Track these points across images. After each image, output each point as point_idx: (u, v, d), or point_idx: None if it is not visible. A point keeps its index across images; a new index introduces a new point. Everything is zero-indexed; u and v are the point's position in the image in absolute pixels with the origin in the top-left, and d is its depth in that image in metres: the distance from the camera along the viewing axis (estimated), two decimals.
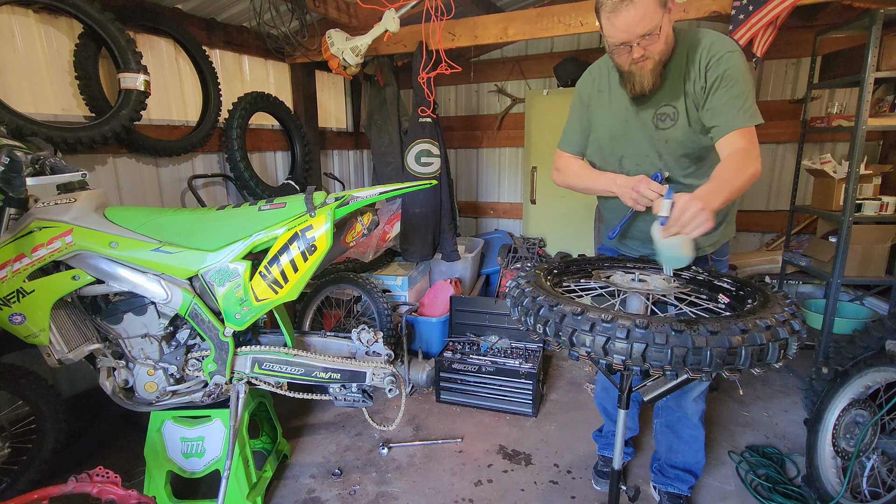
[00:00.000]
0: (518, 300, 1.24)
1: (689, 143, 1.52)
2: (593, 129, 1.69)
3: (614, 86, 1.61)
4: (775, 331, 1.00)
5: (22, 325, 1.67)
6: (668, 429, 1.91)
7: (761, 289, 1.28)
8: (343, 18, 3.18)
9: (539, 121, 4.20)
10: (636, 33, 1.35)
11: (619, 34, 1.37)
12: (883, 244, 2.74)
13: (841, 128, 2.76)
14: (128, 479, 2.12)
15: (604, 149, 1.68)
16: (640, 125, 1.57)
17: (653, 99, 1.52)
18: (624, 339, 0.99)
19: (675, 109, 1.50)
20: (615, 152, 1.65)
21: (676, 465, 1.94)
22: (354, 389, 1.91)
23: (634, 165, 1.63)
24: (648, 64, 1.42)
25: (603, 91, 1.65)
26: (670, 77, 1.49)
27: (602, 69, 1.67)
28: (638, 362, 0.99)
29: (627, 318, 1.01)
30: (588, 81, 1.71)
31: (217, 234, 1.73)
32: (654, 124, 1.54)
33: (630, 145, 1.61)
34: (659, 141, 1.55)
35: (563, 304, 1.10)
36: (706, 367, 0.97)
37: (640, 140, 1.59)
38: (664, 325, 0.98)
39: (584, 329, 1.03)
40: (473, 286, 3.92)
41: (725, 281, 1.42)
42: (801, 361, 3.05)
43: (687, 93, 1.48)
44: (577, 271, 1.56)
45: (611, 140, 1.64)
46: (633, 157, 1.62)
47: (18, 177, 1.59)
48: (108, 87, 2.41)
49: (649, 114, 1.55)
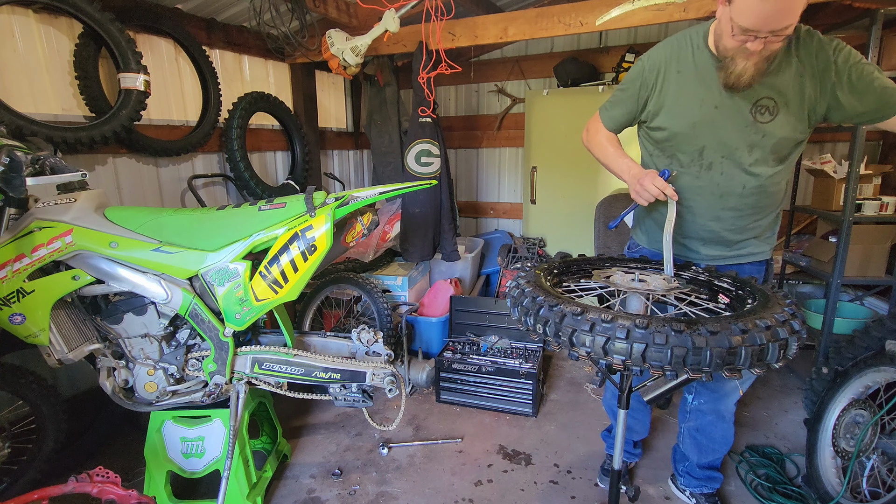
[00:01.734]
0: (518, 300, 1.24)
1: (787, 139, 1.43)
2: (668, 116, 1.51)
3: (702, 67, 1.44)
4: (775, 331, 1.00)
5: (22, 325, 1.67)
6: (699, 432, 1.86)
7: (761, 289, 1.28)
8: (343, 18, 3.18)
9: (539, 121, 4.20)
10: (775, 26, 1.20)
11: (757, 21, 1.20)
12: (883, 244, 2.74)
13: (841, 128, 2.76)
14: (128, 479, 2.12)
15: (680, 136, 1.50)
16: (734, 114, 1.42)
17: (754, 89, 1.38)
18: (624, 340, 0.99)
19: (776, 103, 1.38)
20: (696, 142, 1.48)
21: (706, 465, 1.91)
22: (354, 389, 1.91)
23: (719, 158, 1.47)
24: (755, 57, 1.29)
25: (684, 72, 1.47)
26: (773, 71, 1.37)
27: (683, 46, 1.48)
28: (638, 362, 0.99)
29: (627, 319, 1.01)
30: (661, 58, 1.50)
31: (217, 234, 1.73)
32: (753, 115, 1.41)
33: (717, 135, 1.45)
34: (756, 134, 1.42)
35: (562, 304, 1.10)
36: (706, 368, 0.96)
37: (731, 130, 1.43)
38: (664, 326, 0.98)
39: (584, 329, 1.03)
40: (473, 286, 3.92)
41: (725, 281, 1.42)
42: (801, 361, 3.05)
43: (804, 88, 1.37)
44: (577, 271, 1.56)
45: (693, 128, 1.47)
46: (717, 148, 1.46)
47: (18, 177, 1.58)
48: (108, 87, 2.41)
49: (747, 104, 1.40)
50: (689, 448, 1.92)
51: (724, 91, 1.40)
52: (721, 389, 1.75)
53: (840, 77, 1.34)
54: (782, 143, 1.43)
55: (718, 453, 1.88)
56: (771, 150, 1.44)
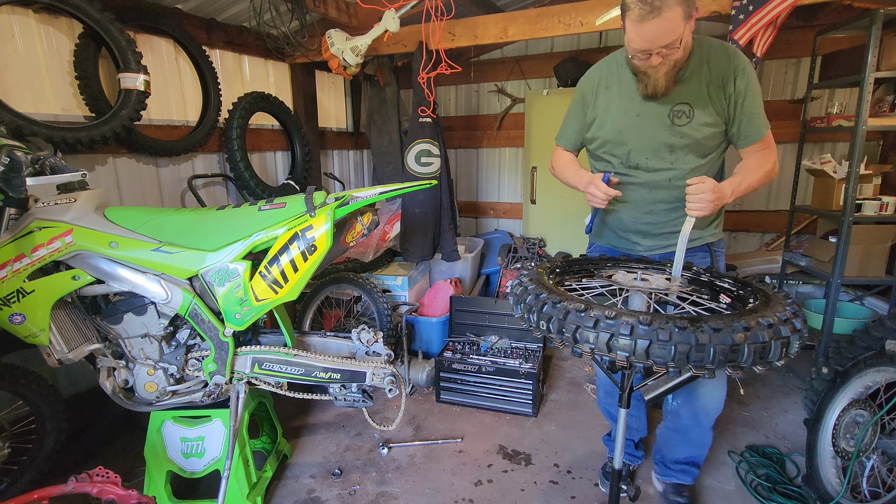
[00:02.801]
0: (521, 297, 1.24)
1: (705, 139, 1.59)
2: (599, 125, 1.71)
3: (624, 81, 1.64)
4: (777, 329, 1.00)
5: (22, 325, 1.67)
6: (675, 433, 1.90)
7: (762, 289, 1.28)
8: (343, 18, 3.18)
9: (539, 121, 4.20)
10: (658, 44, 1.40)
11: (642, 43, 1.41)
12: (883, 244, 2.74)
13: (841, 128, 2.76)
14: (128, 479, 2.12)
15: (610, 143, 1.69)
16: (653, 120, 1.60)
17: (669, 96, 1.56)
18: (628, 336, 0.99)
19: (691, 108, 1.56)
20: (623, 146, 1.67)
21: (681, 460, 1.94)
22: (354, 389, 1.91)
23: (644, 159, 1.65)
24: (663, 68, 1.48)
25: (611, 87, 1.67)
26: (687, 80, 1.55)
27: (611, 66, 1.69)
28: (641, 359, 0.99)
29: (631, 315, 1.01)
30: (594, 78, 1.73)
31: (217, 234, 1.73)
32: (671, 120, 1.58)
33: (640, 139, 1.63)
34: (675, 136, 1.59)
35: (566, 301, 1.10)
36: (709, 364, 0.97)
37: (652, 134, 1.61)
38: (667, 323, 0.99)
39: (588, 326, 1.03)
40: (473, 286, 3.92)
41: (727, 281, 1.42)
42: (801, 361, 3.05)
43: (711, 95, 1.55)
44: (578, 271, 1.57)
45: (619, 134, 1.66)
46: (642, 150, 1.64)
47: (18, 177, 1.58)
48: (108, 87, 2.41)
49: (665, 109, 1.58)
50: (663, 444, 1.98)
51: (644, 101, 1.59)
52: (700, 397, 1.78)
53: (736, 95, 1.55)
54: (701, 143, 1.60)
55: (694, 454, 1.92)
56: (691, 148, 1.60)
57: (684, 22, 1.38)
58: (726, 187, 1.50)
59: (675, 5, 1.34)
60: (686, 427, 1.85)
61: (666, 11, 1.33)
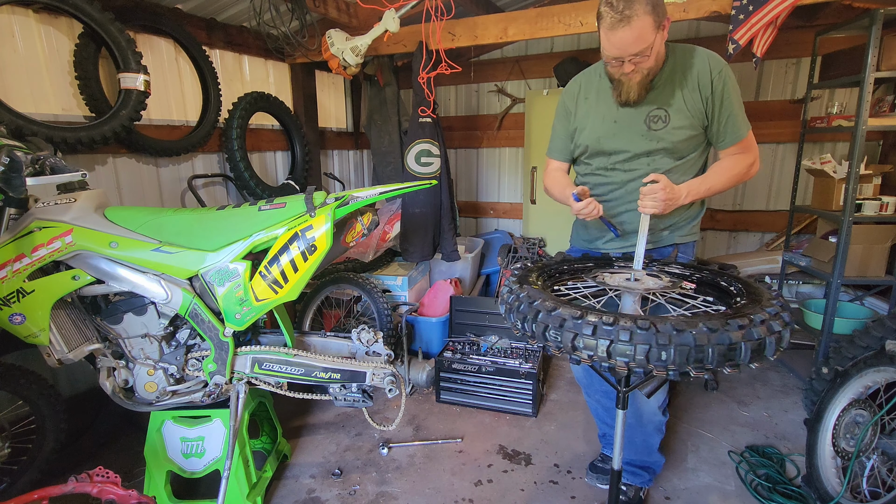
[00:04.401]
0: (513, 306, 1.26)
1: (682, 142, 1.63)
2: (580, 134, 1.76)
3: (602, 91, 1.70)
4: (770, 325, 1.03)
5: (22, 325, 1.67)
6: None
7: (717, 270, 1.37)
8: (343, 18, 3.18)
9: (539, 121, 4.20)
10: (629, 52, 1.45)
11: (614, 50, 1.47)
12: (883, 244, 2.74)
13: (841, 128, 2.75)
14: (128, 479, 2.12)
15: (591, 150, 1.75)
16: (630, 125, 1.65)
17: (644, 103, 1.61)
18: (627, 342, 1.00)
19: (667, 113, 1.60)
20: (603, 151, 1.72)
21: (631, 462, 1.97)
22: (354, 389, 1.91)
23: (623, 163, 1.70)
24: (636, 76, 1.53)
25: (589, 97, 1.74)
26: (661, 86, 1.60)
27: (591, 76, 1.76)
28: (641, 364, 1.00)
29: (629, 320, 1.02)
30: (574, 90, 1.79)
31: (217, 234, 1.73)
32: (647, 125, 1.63)
33: (619, 144, 1.68)
34: (651, 140, 1.64)
35: (561, 309, 1.11)
36: (709, 365, 0.98)
37: (630, 139, 1.66)
38: (666, 325, 0.99)
39: (587, 334, 1.04)
40: (473, 286, 3.92)
41: (676, 268, 1.49)
42: (801, 361, 3.05)
43: (686, 99, 1.59)
44: (567, 270, 1.60)
45: (598, 141, 1.72)
46: (620, 154, 1.70)
47: (18, 177, 1.58)
48: (108, 87, 2.41)
49: (641, 115, 1.63)
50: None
51: (621, 108, 1.65)
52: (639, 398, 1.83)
53: (714, 97, 1.58)
54: (678, 146, 1.63)
55: (639, 458, 1.95)
56: (668, 152, 1.65)
57: (654, 31, 1.42)
58: (682, 188, 1.54)
59: (645, 14, 1.38)
60: (629, 427, 1.89)
61: (636, 20, 1.38)
